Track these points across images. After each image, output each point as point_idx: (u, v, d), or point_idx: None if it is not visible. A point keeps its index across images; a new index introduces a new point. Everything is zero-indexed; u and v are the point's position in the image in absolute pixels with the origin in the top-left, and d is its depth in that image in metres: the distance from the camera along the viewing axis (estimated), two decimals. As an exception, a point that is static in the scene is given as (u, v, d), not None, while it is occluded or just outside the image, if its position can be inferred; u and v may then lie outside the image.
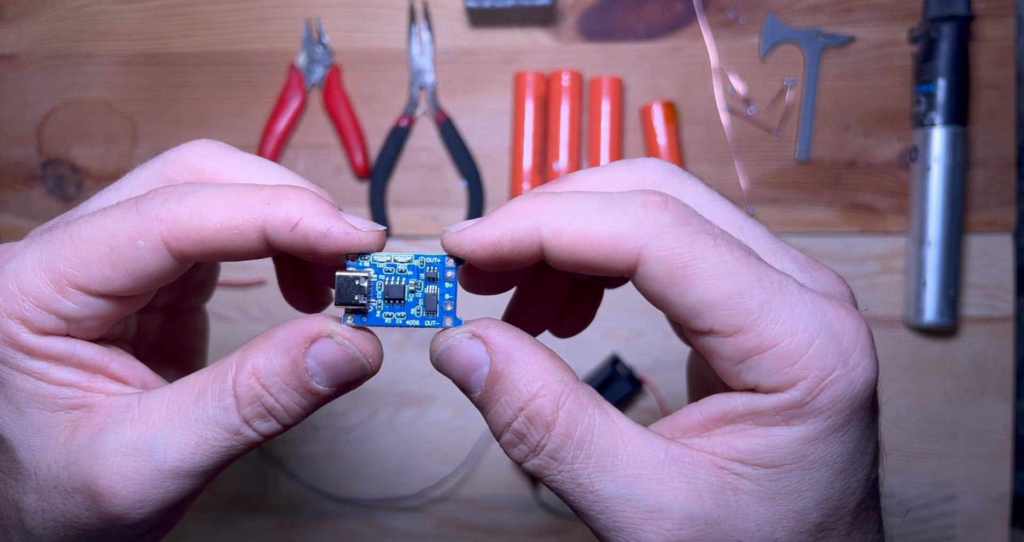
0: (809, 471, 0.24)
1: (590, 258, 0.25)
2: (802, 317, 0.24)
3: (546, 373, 0.26)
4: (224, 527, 0.63)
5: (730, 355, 0.24)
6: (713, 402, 0.26)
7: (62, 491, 0.26)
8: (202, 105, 0.65)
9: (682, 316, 0.25)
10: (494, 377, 0.26)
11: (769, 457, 0.24)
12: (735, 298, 0.24)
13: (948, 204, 0.60)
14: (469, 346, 0.27)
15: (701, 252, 0.24)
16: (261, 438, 0.27)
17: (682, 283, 0.24)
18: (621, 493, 0.25)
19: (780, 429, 0.24)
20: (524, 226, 0.26)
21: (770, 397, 0.24)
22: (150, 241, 0.26)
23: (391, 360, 0.63)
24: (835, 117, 0.63)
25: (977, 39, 0.62)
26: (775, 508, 0.25)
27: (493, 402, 0.26)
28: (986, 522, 0.62)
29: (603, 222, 0.25)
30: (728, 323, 0.24)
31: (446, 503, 0.63)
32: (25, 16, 0.65)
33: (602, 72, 0.63)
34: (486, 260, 0.26)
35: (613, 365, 0.62)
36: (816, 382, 0.24)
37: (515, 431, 0.26)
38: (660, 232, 0.24)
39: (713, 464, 0.25)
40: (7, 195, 0.65)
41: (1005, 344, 0.62)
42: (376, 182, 0.63)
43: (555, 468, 0.25)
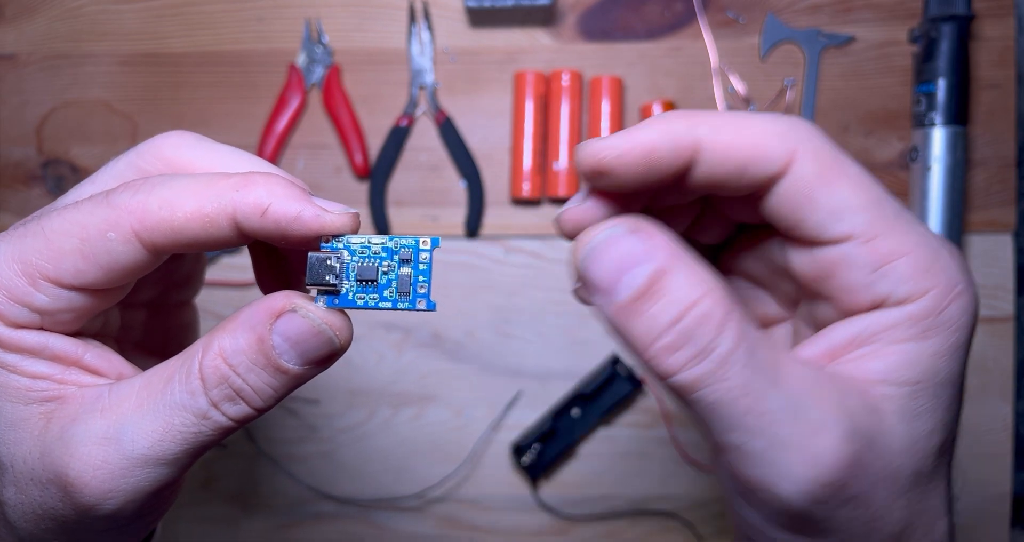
0: (940, 388, 0.25)
1: (747, 158, 0.25)
2: (927, 233, 0.25)
3: (711, 279, 0.24)
4: (223, 527, 0.63)
5: (867, 261, 0.25)
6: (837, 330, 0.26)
7: (38, 483, 0.26)
8: (202, 105, 0.65)
9: (823, 221, 0.25)
10: (658, 274, 0.23)
11: (908, 374, 0.24)
12: (877, 204, 0.25)
13: (948, 204, 0.60)
14: (630, 240, 0.24)
15: (845, 161, 0.25)
16: (231, 423, 0.26)
17: (830, 184, 0.25)
18: (790, 405, 0.23)
19: (914, 344, 0.24)
20: (681, 128, 0.25)
21: (904, 308, 0.25)
22: (121, 233, 0.26)
23: (390, 360, 0.63)
24: (835, 117, 0.63)
25: (977, 39, 0.62)
26: (915, 427, 0.25)
27: (652, 302, 0.23)
28: (986, 522, 0.62)
29: (759, 124, 0.25)
30: (870, 227, 0.25)
31: (446, 503, 0.63)
32: (25, 16, 0.65)
33: (602, 72, 0.63)
34: (637, 166, 0.25)
35: (613, 365, 0.62)
36: (946, 292, 0.24)
37: (681, 331, 0.23)
38: (811, 136, 0.25)
39: (858, 388, 0.25)
40: (7, 195, 0.65)
41: (1005, 344, 0.62)
42: (376, 182, 0.63)
43: (724, 374, 0.23)
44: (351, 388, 0.63)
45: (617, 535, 0.63)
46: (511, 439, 0.63)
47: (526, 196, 0.62)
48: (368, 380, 0.63)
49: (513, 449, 0.62)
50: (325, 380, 0.63)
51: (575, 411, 0.62)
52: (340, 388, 0.63)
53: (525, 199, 0.63)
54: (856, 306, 0.25)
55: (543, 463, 0.61)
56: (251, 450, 0.63)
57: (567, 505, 0.62)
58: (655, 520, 0.62)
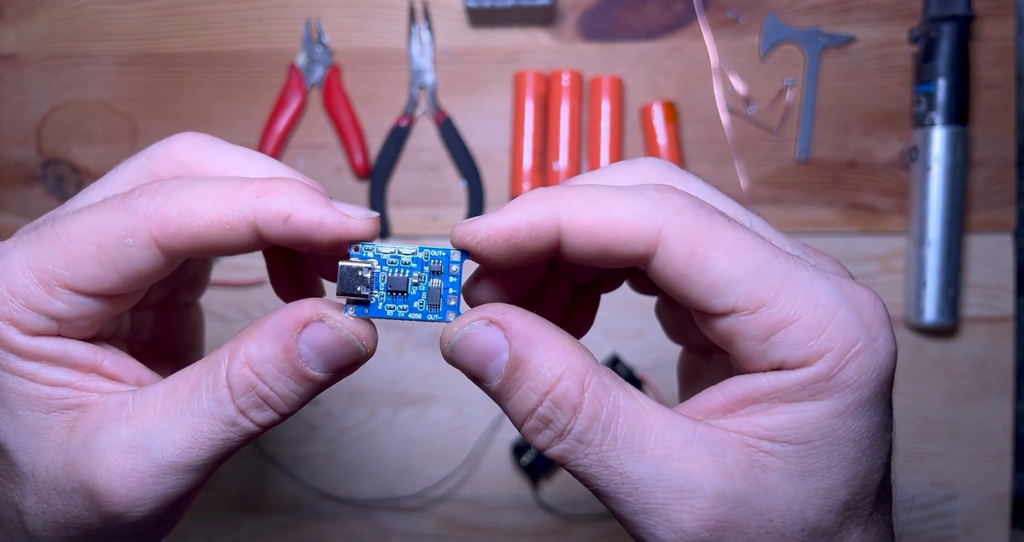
0: (837, 447, 0.24)
1: (610, 241, 0.25)
2: (822, 290, 0.24)
3: (569, 356, 0.25)
4: (224, 527, 0.63)
5: (755, 333, 0.24)
6: (736, 383, 0.26)
7: (61, 492, 0.26)
8: (202, 105, 0.65)
9: (703, 297, 0.24)
10: (515, 363, 0.25)
11: (798, 433, 0.24)
12: (756, 273, 0.24)
13: (948, 204, 0.60)
14: (487, 333, 0.25)
15: (719, 230, 0.24)
16: (259, 429, 0.27)
17: (702, 260, 0.24)
18: (650, 474, 0.24)
19: (807, 404, 0.24)
20: (542, 212, 0.25)
21: (797, 372, 0.24)
22: (139, 239, 0.26)
23: (391, 360, 0.63)
24: (835, 117, 0.63)
25: (977, 39, 0.62)
26: (804, 485, 0.24)
27: (515, 389, 0.25)
28: (986, 522, 0.62)
29: (622, 204, 0.25)
30: (752, 298, 0.24)
31: (446, 503, 0.63)
32: (25, 16, 0.65)
33: (602, 72, 0.63)
34: (501, 249, 0.25)
35: (613, 365, 0.62)
36: (842, 353, 0.24)
37: (540, 417, 0.25)
38: (678, 212, 0.24)
39: (741, 443, 0.25)
40: (7, 195, 0.65)
41: (1005, 344, 0.62)
42: (376, 182, 0.63)
43: (582, 451, 0.25)
44: (352, 388, 0.63)
45: (617, 535, 0.63)
46: (511, 439, 0.63)
47: (526, 196, 0.62)
48: (369, 380, 0.64)
49: (513, 449, 0.62)
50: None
51: (575, 411, 0.62)
52: (341, 388, 0.63)
53: (525, 199, 0.63)
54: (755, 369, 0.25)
55: (543, 463, 0.61)
56: (252, 450, 0.63)
57: (567, 505, 0.62)
58: (655, 520, 0.62)
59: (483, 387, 0.26)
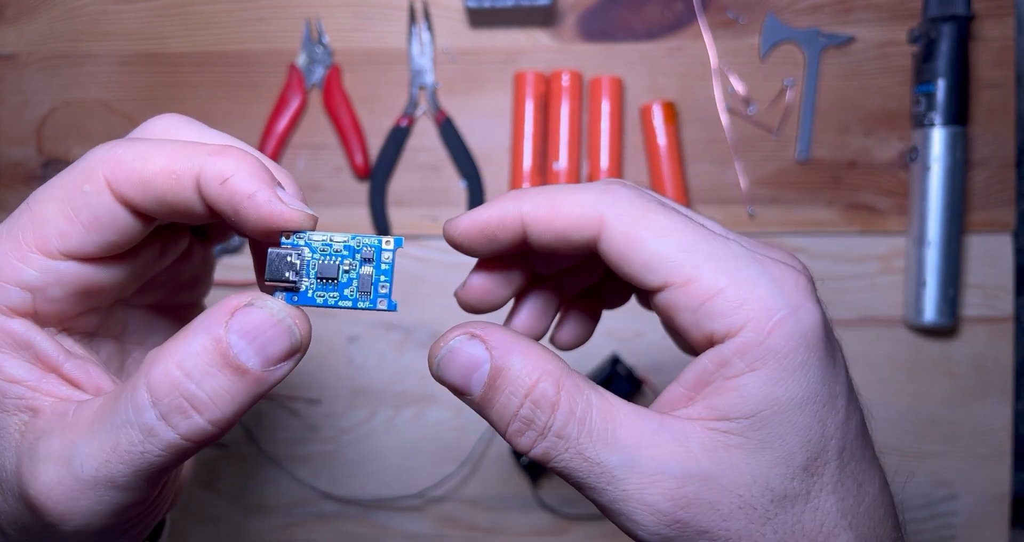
0: (784, 414, 0.26)
1: (562, 227, 0.28)
2: (743, 267, 0.27)
3: (544, 361, 0.28)
4: (224, 527, 0.63)
5: (685, 305, 0.27)
6: (687, 371, 0.28)
7: (13, 494, 0.26)
8: (202, 105, 0.65)
9: (639, 273, 0.27)
10: (496, 372, 0.27)
11: (746, 407, 0.26)
12: (684, 251, 0.27)
13: (948, 204, 0.60)
14: (470, 346, 0.28)
15: (652, 215, 0.27)
16: (181, 440, 0.25)
17: (637, 241, 0.27)
18: (624, 462, 0.26)
19: (747, 377, 0.26)
20: (509, 207, 0.29)
21: (728, 343, 0.26)
22: (94, 183, 0.26)
23: (391, 360, 0.63)
24: (835, 117, 0.63)
25: (977, 39, 0.62)
26: (764, 457, 0.26)
27: (497, 395, 0.27)
28: (986, 522, 0.62)
29: (572, 197, 0.28)
30: (679, 273, 0.27)
31: (446, 503, 0.63)
32: (25, 16, 0.65)
33: (602, 72, 0.63)
34: (477, 239, 0.30)
35: (613, 365, 0.62)
36: (764, 321, 0.26)
37: (522, 418, 0.27)
38: (618, 200, 0.28)
39: (702, 427, 0.27)
40: (7, 195, 0.65)
41: (1005, 344, 0.62)
42: (376, 182, 0.63)
43: (562, 446, 0.27)
44: (352, 388, 0.63)
45: (617, 535, 0.62)
46: (511, 439, 0.63)
47: (526, 196, 0.62)
48: (369, 380, 0.64)
49: (513, 449, 0.62)
50: (326, 380, 0.63)
51: (575, 411, 0.62)
52: (341, 388, 0.64)
53: (525, 199, 0.63)
54: (696, 343, 0.28)
55: (543, 463, 0.61)
56: (253, 450, 0.63)
57: (567, 505, 0.62)
58: (655, 520, 0.62)
59: (468, 401, 0.28)
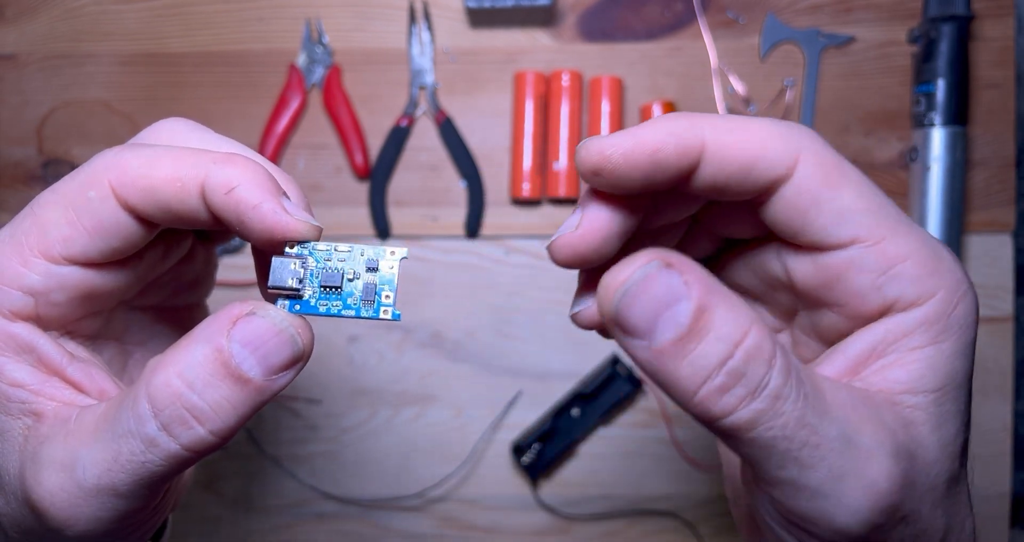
0: (960, 390, 0.25)
1: (752, 159, 0.25)
2: (928, 237, 0.25)
3: (751, 311, 0.22)
4: (224, 527, 0.63)
5: (874, 264, 0.25)
6: (855, 340, 0.25)
7: (16, 498, 0.26)
8: (202, 105, 0.65)
9: (828, 225, 0.25)
10: (700, 311, 0.22)
11: (933, 380, 0.24)
12: (878, 209, 0.25)
13: (948, 204, 0.60)
14: (666, 276, 0.22)
15: (847, 165, 0.25)
16: (183, 451, 0.24)
17: (835, 187, 0.25)
18: (840, 434, 0.22)
19: (932, 349, 0.24)
20: (685, 126, 0.25)
21: (915, 312, 0.24)
22: (99, 189, 0.26)
23: (391, 360, 0.63)
24: (835, 117, 0.63)
25: (977, 39, 0.62)
26: (944, 433, 0.25)
27: (697, 341, 0.22)
28: (986, 522, 0.62)
29: (763, 127, 0.25)
30: (874, 230, 0.25)
31: (446, 503, 0.63)
32: (25, 16, 0.65)
33: (602, 72, 0.63)
34: (640, 165, 0.24)
35: (613, 365, 0.62)
36: (952, 293, 0.24)
37: (731, 371, 0.22)
38: (813, 139, 0.25)
39: (888, 401, 0.24)
40: (7, 195, 0.65)
41: (1005, 344, 0.62)
42: (376, 182, 0.63)
43: (778, 410, 0.22)
44: (352, 388, 0.64)
45: (617, 535, 0.63)
46: (511, 439, 0.63)
47: (526, 196, 0.62)
48: (369, 380, 0.64)
49: (513, 449, 0.62)
50: (326, 380, 0.63)
51: (575, 411, 0.62)
52: (341, 388, 0.64)
53: (525, 199, 0.63)
54: (865, 311, 0.25)
55: (543, 463, 0.61)
56: (253, 450, 0.63)
57: (567, 505, 0.63)
58: (655, 520, 0.62)
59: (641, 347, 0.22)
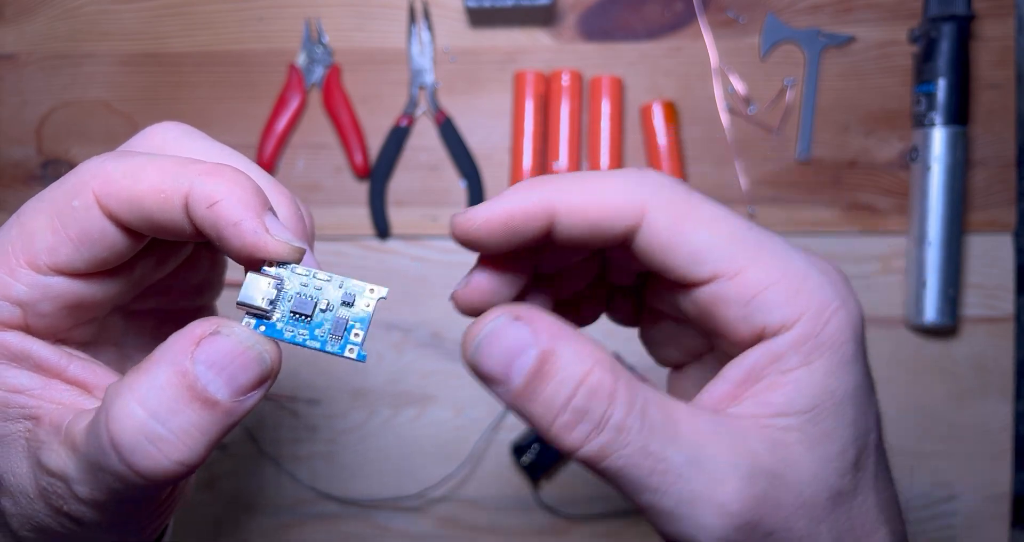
0: (840, 406, 0.25)
1: (598, 218, 0.26)
2: (794, 258, 0.26)
3: (595, 350, 0.25)
4: (224, 527, 0.63)
5: (737, 296, 0.25)
6: (732, 368, 0.26)
7: (26, 496, 0.26)
8: (202, 105, 0.65)
9: (685, 265, 0.26)
10: (544, 358, 0.24)
11: (804, 401, 0.25)
12: (734, 241, 0.25)
13: (948, 204, 0.60)
14: (514, 328, 0.25)
15: (698, 203, 0.26)
16: (146, 482, 0.24)
17: (684, 231, 0.26)
18: (690, 459, 0.24)
19: (804, 370, 0.25)
20: (536, 195, 0.26)
21: (782, 337, 0.25)
22: (83, 198, 0.25)
23: (391, 360, 0.63)
24: (835, 117, 0.63)
25: (977, 39, 0.62)
26: (822, 451, 0.25)
27: (544, 384, 0.24)
28: (986, 522, 0.62)
29: (609, 183, 0.26)
30: (731, 264, 0.25)
31: (446, 503, 0.63)
32: (25, 16, 0.65)
33: (602, 72, 0.63)
34: (499, 234, 0.26)
35: (613, 365, 0.62)
36: (820, 312, 0.25)
37: (575, 409, 0.24)
38: (660, 188, 0.26)
39: (758, 425, 0.25)
40: (7, 195, 0.65)
41: (1005, 344, 0.62)
42: (376, 182, 0.63)
43: (622, 441, 0.24)
44: (352, 389, 0.63)
45: (617, 535, 0.63)
46: (511, 439, 0.63)
47: (526, 196, 0.62)
48: (368, 380, 0.64)
49: (513, 449, 0.62)
50: (326, 381, 0.63)
51: (575, 411, 0.62)
52: (341, 389, 0.63)
53: (525, 199, 0.63)
54: (741, 340, 0.26)
55: (543, 463, 0.61)
56: (252, 450, 0.63)
57: (567, 505, 0.62)
58: (655, 520, 0.62)
59: (503, 392, 0.25)
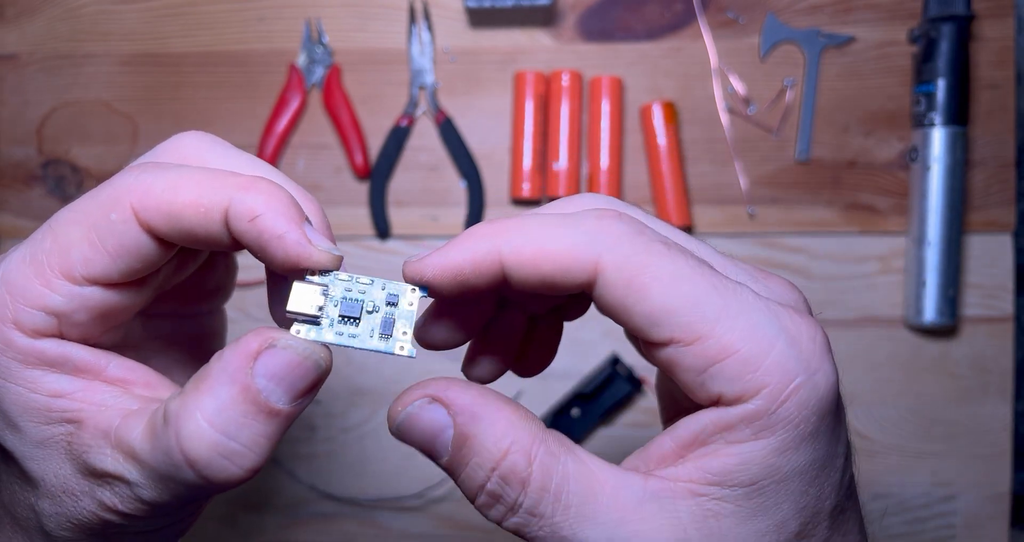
0: (784, 483, 0.24)
1: (550, 272, 0.25)
2: (760, 323, 0.24)
3: (513, 428, 0.25)
4: (224, 527, 0.63)
5: (691, 365, 0.24)
6: (683, 426, 0.25)
7: (71, 495, 0.27)
8: (202, 105, 0.65)
9: (642, 326, 0.24)
10: (460, 440, 0.25)
11: (744, 475, 0.24)
12: (694, 305, 0.24)
13: (948, 204, 0.60)
14: (429, 411, 0.25)
15: (656, 260, 0.24)
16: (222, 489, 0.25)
17: (639, 290, 0.24)
18: (608, 536, 0.24)
19: (751, 444, 0.24)
20: (485, 248, 0.25)
21: (736, 409, 0.24)
22: (121, 212, 0.25)
23: (391, 360, 0.63)
24: (835, 117, 0.63)
25: (977, 39, 0.62)
26: (756, 525, 0.24)
27: (463, 466, 0.25)
28: (986, 522, 0.62)
29: (561, 235, 0.25)
30: (687, 331, 0.24)
31: (446, 503, 0.63)
32: (25, 16, 0.65)
33: (602, 72, 0.63)
34: (448, 285, 0.26)
35: (613, 365, 0.62)
36: (780, 389, 0.23)
37: (490, 493, 0.25)
38: (617, 241, 0.24)
39: (692, 493, 0.24)
40: (7, 195, 0.65)
41: (1005, 344, 0.62)
42: (376, 182, 0.63)
43: (536, 524, 0.24)
44: (352, 388, 0.64)
45: (617, 535, 0.63)
46: (511, 439, 0.63)
47: (526, 196, 0.62)
48: (369, 380, 0.64)
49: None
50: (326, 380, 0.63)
51: (575, 411, 0.62)
52: (341, 388, 0.64)
53: (525, 199, 0.63)
54: (694, 398, 0.25)
55: (543, 463, 0.61)
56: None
57: (567, 505, 0.62)
58: (655, 520, 0.62)
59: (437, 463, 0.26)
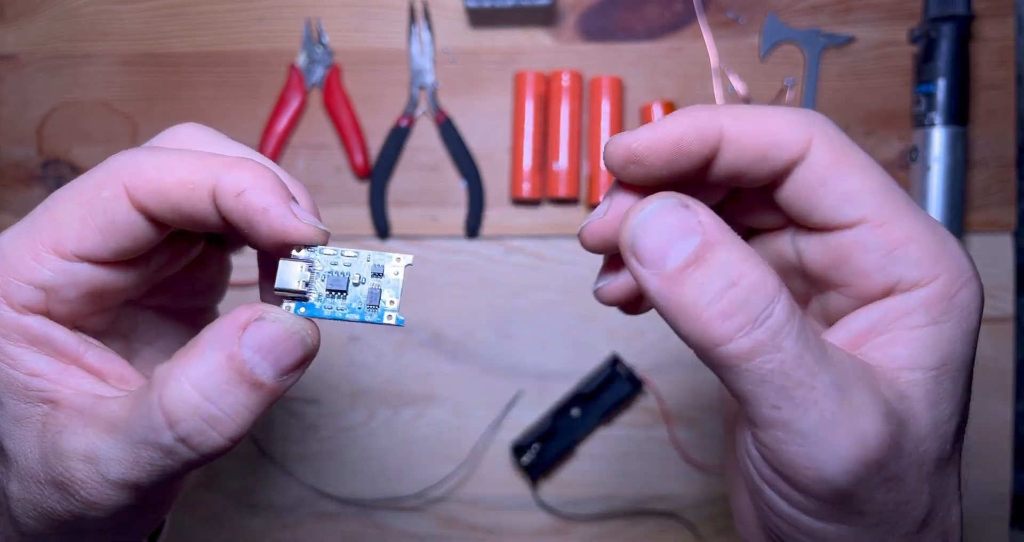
0: (960, 372, 0.25)
1: (768, 144, 0.26)
2: (934, 223, 0.26)
3: (758, 255, 0.24)
4: (224, 527, 0.63)
5: (879, 244, 0.25)
6: (856, 317, 0.26)
7: (36, 482, 0.27)
8: (202, 105, 0.65)
9: (836, 205, 0.26)
10: (707, 246, 0.23)
11: (930, 358, 0.25)
12: (886, 192, 0.26)
13: (948, 204, 0.60)
14: (682, 212, 0.24)
15: (857, 149, 0.27)
16: (200, 458, 0.25)
17: (844, 170, 0.26)
18: (836, 382, 0.23)
19: (931, 329, 0.25)
20: (705, 118, 0.27)
21: (917, 293, 0.25)
22: (113, 189, 0.26)
23: (391, 360, 0.63)
24: (835, 117, 0.63)
25: (977, 39, 0.62)
26: (939, 412, 0.25)
27: (703, 270, 0.23)
28: (986, 522, 0.62)
29: (777, 114, 0.27)
30: (880, 212, 0.26)
31: (446, 503, 0.63)
32: (25, 16, 0.65)
33: (602, 72, 0.63)
34: (665, 155, 0.26)
35: (613, 365, 0.62)
36: (955, 278, 0.25)
37: (734, 299, 0.23)
38: (825, 125, 0.27)
39: (884, 374, 0.25)
40: (7, 195, 0.65)
41: (1005, 344, 0.62)
42: (376, 182, 0.63)
43: (777, 343, 0.23)
44: (351, 388, 0.64)
45: (617, 535, 0.63)
46: (511, 439, 0.63)
47: (526, 196, 0.62)
48: (368, 380, 0.64)
49: (513, 449, 0.62)
50: (325, 380, 0.63)
51: (575, 411, 0.62)
52: (340, 388, 0.64)
53: (525, 199, 0.63)
54: (869, 291, 0.26)
55: (543, 463, 0.61)
56: (252, 450, 0.63)
57: (567, 505, 0.62)
58: (655, 520, 0.62)
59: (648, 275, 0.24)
